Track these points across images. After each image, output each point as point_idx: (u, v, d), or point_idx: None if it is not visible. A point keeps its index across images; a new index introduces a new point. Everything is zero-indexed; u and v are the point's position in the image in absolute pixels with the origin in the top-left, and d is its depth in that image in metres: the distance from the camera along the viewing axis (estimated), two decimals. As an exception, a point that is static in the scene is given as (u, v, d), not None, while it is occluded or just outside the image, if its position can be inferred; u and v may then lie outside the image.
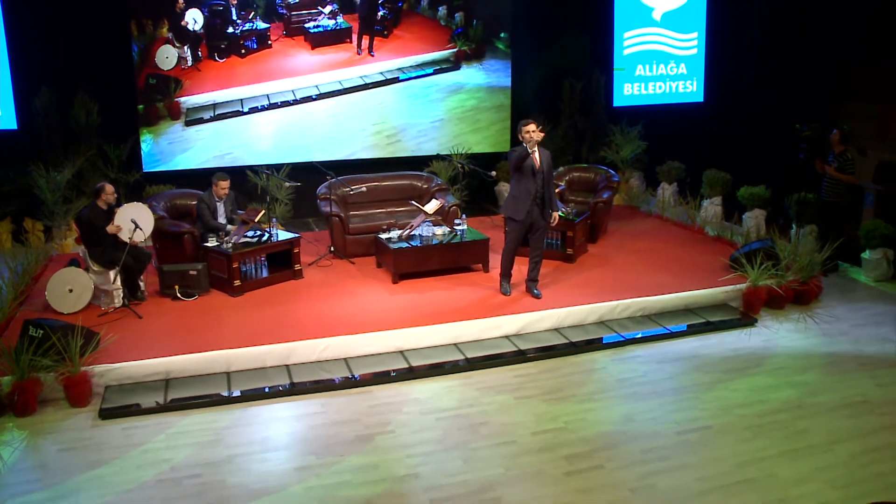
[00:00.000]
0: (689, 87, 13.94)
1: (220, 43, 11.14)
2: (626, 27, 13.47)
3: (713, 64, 13.74)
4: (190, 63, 11.20)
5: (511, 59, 13.13)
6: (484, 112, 13.01)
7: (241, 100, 11.45)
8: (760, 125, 12.30)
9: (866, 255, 9.52)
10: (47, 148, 11.26)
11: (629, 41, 13.54)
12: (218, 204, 9.28)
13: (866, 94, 10.74)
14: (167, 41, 11.04)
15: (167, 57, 11.02)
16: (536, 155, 7.95)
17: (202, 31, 11.12)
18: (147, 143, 11.15)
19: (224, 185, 9.24)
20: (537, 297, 8.29)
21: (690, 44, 13.80)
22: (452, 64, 12.65)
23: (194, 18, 10.97)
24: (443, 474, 5.47)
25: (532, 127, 7.85)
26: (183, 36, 11.01)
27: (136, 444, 5.93)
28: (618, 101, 13.66)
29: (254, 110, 11.56)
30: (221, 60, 11.24)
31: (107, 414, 6.37)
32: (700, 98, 13.95)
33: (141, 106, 11.15)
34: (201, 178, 10.45)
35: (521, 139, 7.95)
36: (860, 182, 9.79)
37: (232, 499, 5.22)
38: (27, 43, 10.88)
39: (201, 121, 11.36)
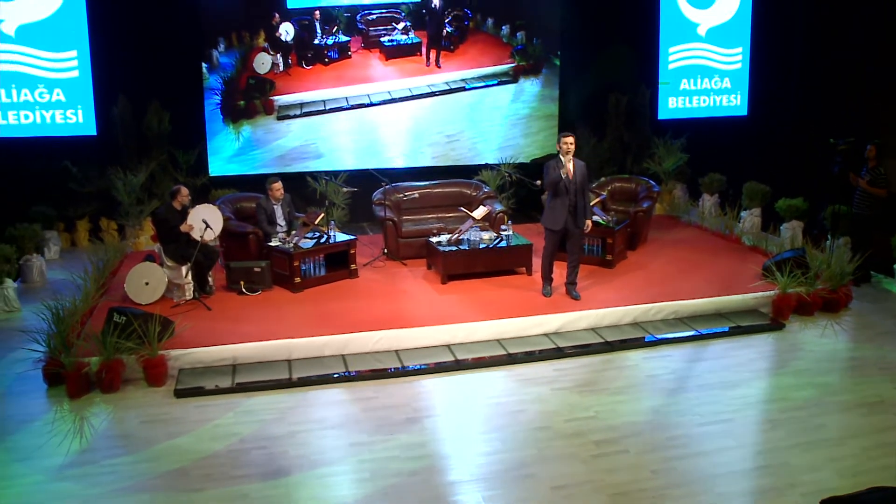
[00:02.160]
0: (733, 101, 14.36)
1: (307, 52, 12.57)
2: (672, 42, 13.95)
3: (757, 78, 14.12)
4: (281, 68, 12.58)
5: (559, 73, 13.70)
6: (535, 120, 13.75)
7: (324, 101, 12.81)
8: (801, 139, 12.66)
9: (898, 266, 9.87)
10: (123, 153, 12.14)
11: (674, 56, 14.02)
12: (275, 207, 9.98)
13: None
14: (263, 49, 12.45)
15: (263, 63, 12.47)
16: (570, 166, 8.49)
17: (293, 41, 12.50)
18: (246, 132, 12.61)
19: (277, 188, 9.94)
20: (576, 298, 8.82)
21: (735, 58, 14.23)
22: (511, 77, 13.55)
23: (287, 31, 12.38)
24: (482, 453, 6.06)
25: (570, 139, 8.45)
26: (276, 45, 12.46)
27: (209, 420, 6.62)
28: (662, 115, 14.13)
29: (334, 110, 12.87)
30: (308, 67, 12.65)
31: (181, 393, 7.08)
32: (744, 112, 14.36)
33: (242, 102, 12.53)
34: (262, 182, 11.24)
35: (557, 149, 8.52)
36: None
37: (294, 468, 5.87)
38: (108, 56, 11.75)
39: (290, 116, 12.76)
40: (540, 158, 13.50)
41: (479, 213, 10.19)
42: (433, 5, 12.84)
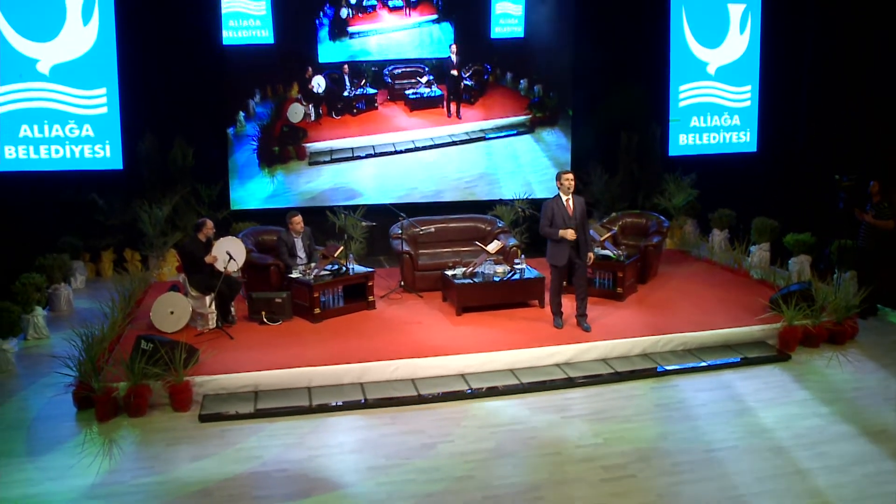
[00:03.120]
0: (742, 138, 14.66)
1: (337, 104, 13.35)
2: (682, 81, 14.29)
3: (766, 115, 14.43)
4: (313, 118, 13.32)
5: (571, 124, 14.20)
6: (551, 168, 14.16)
7: (353, 148, 13.53)
8: (809, 174, 12.92)
9: (904, 300, 10.07)
10: (148, 187, 12.57)
11: (684, 94, 14.35)
12: (296, 240, 10.30)
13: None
14: (296, 100, 13.17)
15: (296, 113, 13.22)
16: (570, 203, 8.84)
17: (324, 93, 13.24)
18: (279, 176, 13.26)
19: (297, 221, 10.27)
20: (587, 330, 9.06)
21: (744, 96, 14.55)
22: (528, 128, 14.18)
23: (319, 83, 13.16)
24: (495, 477, 6.29)
25: (570, 177, 8.82)
26: (309, 97, 13.21)
27: (232, 444, 6.89)
28: (673, 151, 14.43)
29: (361, 157, 13.54)
30: (338, 117, 13.40)
31: (206, 418, 7.36)
32: (754, 148, 14.64)
33: (276, 148, 13.23)
34: (279, 217, 11.69)
35: (558, 186, 8.87)
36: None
37: (314, 489, 6.12)
38: (136, 93, 12.23)
39: (320, 162, 13.43)
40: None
41: (494, 247, 10.47)
42: (452, 62, 13.57)
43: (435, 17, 13.43)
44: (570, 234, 8.77)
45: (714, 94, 14.48)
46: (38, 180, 11.94)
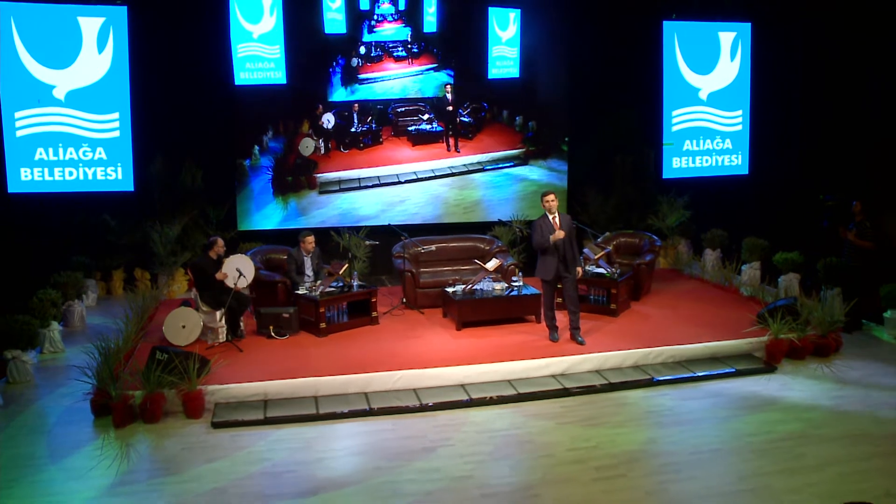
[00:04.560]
0: (734, 161, 15.08)
1: (345, 139, 14.16)
2: (675, 106, 14.72)
3: (756, 139, 14.88)
4: (323, 151, 14.10)
5: (568, 156, 14.82)
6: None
7: (359, 178, 14.33)
8: (798, 196, 13.35)
9: (888, 314, 10.43)
10: (158, 208, 13.00)
11: (677, 119, 14.78)
12: (305, 258, 10.72)
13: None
14: (307, 135, 13.96)
15: (307, 146, 14.02)
16: (557, 220, 9.30)
17: (333, 129, 14.02)
18: (292, 204, 13.99)
19: (309, 241, 10.69)
20: (581, 343, 9.44)
21: (735, 121, 15.00)
22: (522, 160, 14.92)
23: (328, 120, 14.00)
24: (492, 477, 6.66)
25: (551, 197, 9.33)
26: (319, 132, 14.00)
27: (243, 447, 7.27)
28: (667, 174, 14.84)
29: (367, 187, 14.32)
30: (345, 151, 14.22)
31: (218, 424, 7.73)
32: (745, 171, 15.07)
33: (290, 177, 13.99)
34: (284, 237, 12.22)
35: (543, 207, 9.35)
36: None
37: (321, 488, 6.49)
38: (147, 117, 12.71)
39: (330, 191, 14.17)
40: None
41: (492, 265, 10.87)
42: (447, 100, 14.35)
43: (435, 65, 14.33)
44: (559, 234, 9.22)
45: (706, 118, 14.92)
46: (53, 201, 12.36)
